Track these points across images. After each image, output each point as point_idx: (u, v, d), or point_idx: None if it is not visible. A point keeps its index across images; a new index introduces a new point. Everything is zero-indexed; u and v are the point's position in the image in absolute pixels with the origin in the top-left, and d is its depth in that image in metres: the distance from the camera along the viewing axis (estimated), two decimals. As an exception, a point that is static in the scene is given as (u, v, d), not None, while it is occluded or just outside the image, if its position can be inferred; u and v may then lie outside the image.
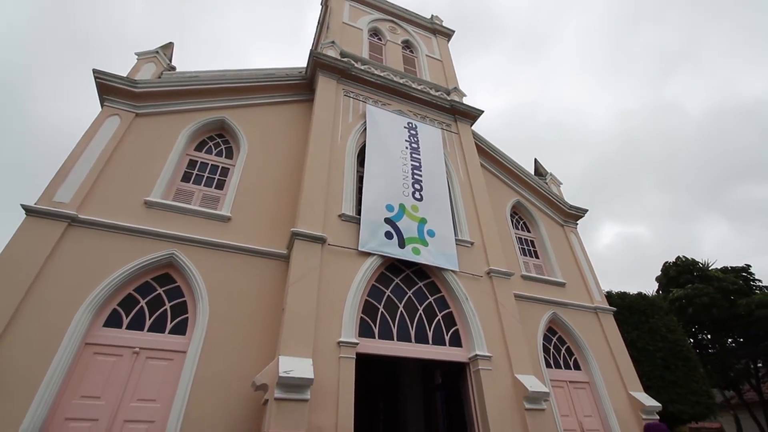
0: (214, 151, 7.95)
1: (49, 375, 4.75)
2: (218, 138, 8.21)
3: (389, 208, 7.42)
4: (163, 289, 5.99)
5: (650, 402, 8.29)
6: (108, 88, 7.28)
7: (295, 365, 4.97)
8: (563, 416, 7.65)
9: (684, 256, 19.07)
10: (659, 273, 19.68)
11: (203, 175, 7.47)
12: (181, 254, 6.14)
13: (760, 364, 18.98)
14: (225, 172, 7.70)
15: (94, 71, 7.21)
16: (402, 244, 7.01)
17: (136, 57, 8.16)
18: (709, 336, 19.24)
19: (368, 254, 6.68)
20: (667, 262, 19.43)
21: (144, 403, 5.15)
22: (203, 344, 5.57)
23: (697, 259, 18.68)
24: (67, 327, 5.08)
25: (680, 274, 18.22)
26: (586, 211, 11.60)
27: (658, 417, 8.19)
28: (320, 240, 6.36)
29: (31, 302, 5.07)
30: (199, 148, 7.84)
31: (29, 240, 5.40)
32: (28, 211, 5.59)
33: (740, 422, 19.92)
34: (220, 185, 7.47)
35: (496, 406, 6.14)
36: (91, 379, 5.07)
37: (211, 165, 7.70)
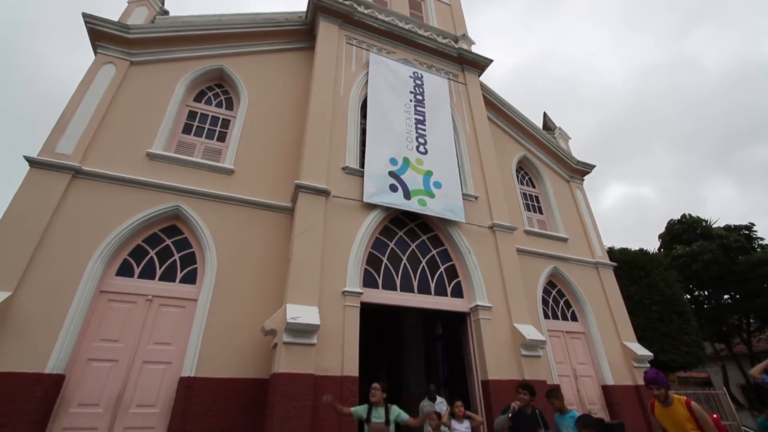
0: (214, 102, 7.75)
1: (68, 320, 4.99)
2: (217, 88, 7.96)
3: (393, 161, 7.32)
4: (171, 240, 6.11)
5: (642, 351, 8.65)
6: (99, 33, 6.96)
7: (301, 312, 5.17)
8: (558, 363, 8.04)
9: (689, 214, 19.05)
10: (663, 230, 19.76)
11: (204, 127, 7.34)
12: (186, 206, 6.19)
13: (752, 320, 19.57)
14: (226, 123, 7.55)
15: (84, 15, 6.87)
16: (407, 196, 7.00)
17: (127, 0, 7.72)
18: (705, 292, 19.68)
19: (372, 207, 6.70)
20: (672, 220, 19.48)
21: (160, 346, 5.44)
22: (213, 293, 5.78)
23: (702, 217, 18.67)
24: (81, 275, 5.25)
25: (684, 231, 18.30)
26: (593, 166, 11.41)
27: (649, 365, 8.59)
28: (324, 193, 6.36)
29: (44, 252, 5.20)
30: (198, 99, 7.64)
31: (36, 192, 5.43)
32: (32, 162, 5.58)
33: (727, 372, 20.91)
34: (222, 137, 7.36)
35: (494, 353, 6.43)
36: (109, 324, 5.32)
37: (212, 116, 7.53)
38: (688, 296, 18.48)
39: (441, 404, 6.17)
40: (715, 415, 4.13)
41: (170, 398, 5.15)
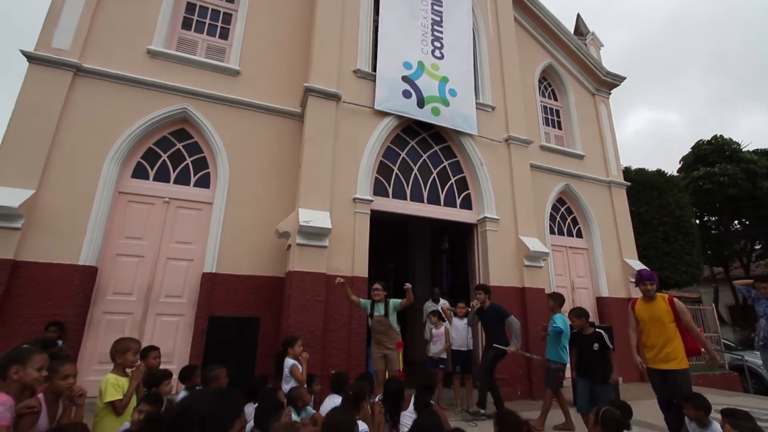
0: (213, -8, 7.05)
1: (92, 218, 5.22)
2: (215, -23, 7.18)
3: (407, 65, 6.84)
4: (182, 144, 6.09)
5: (641, 267, 8.95)
6: None
7: (313, 217, 5.33)
8: (558, 275, 8.41)
9: (721, 135, 18.13)
10: (687, 152, 19.06)
11: (205, 22, 6.80)
12: (193, 109, 6.04)
13: (758, 246, 19.76)
14: (228, 18, 6.97)
15: None
16: (421, 104, 6.69)
17: None
18: (715, 218, 19.63)
19: (384, 114, 6.46)
20: (701, 140, 18.63)
21: (182, 245, 5.78)
22: (227, 196, 5.93)
23: (734, 139, 17.81)
24: (98, 176, 5.36)
25: (712, 152, 17.59)
26: (623, 78, 10.57)
27: (645, 280, 8.94)
28: (334, 97, 6.09)
29: (58, 152, 5.24)
30: (195, -11, 6.95)
31: (40, 89, 5.29)
32: (30, 58, 5.34)
33: (718, 293, 21.85)
34: (224, 35, 6.85)
35: (498, 262, 6.71)
36: (131, 224, 5.60)
37: (212, 9, 6.92)
38: (697, 221, 18.49)
39: (443, 306, 6.65)
40: (699, 328, 4.37)
41: (195, 291, 5.62)
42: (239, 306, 5.57)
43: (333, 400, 3.71)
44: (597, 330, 4.56)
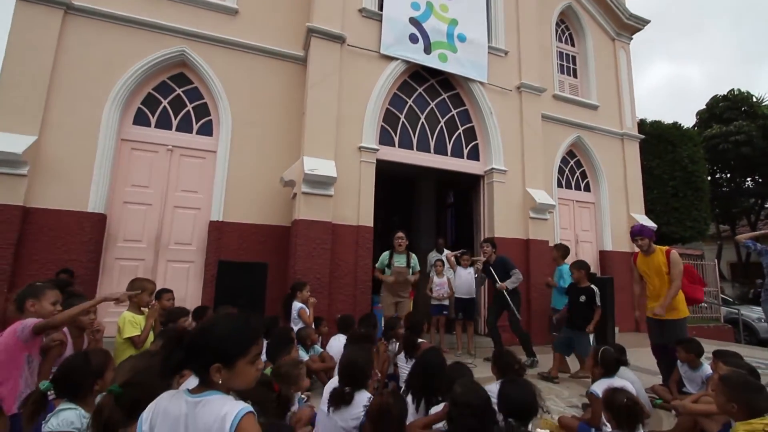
0: None
1: (97, 166, 5.19)
2: None
3: (415, 6, 6.40)
4: (182, 90, 5.90)
5: (647, 222, 8.89)
6: None
7: (318, 165, 5.26)
8: (563, 228, 8.41)
9: (738, 89, 17.23)
10: (703, 107, 18.25)
11: (198, -45, 6.30)
12: (191, 52, 5.78)
13: (768, 204, 19.53)
14: (222, -49, 6.45)
15: None
16: (428, 50, 6.34)
17: None
18: (727, 174, 19.22)
19: (391, 59, 6.15)
20: (716, 95, 17.73)
21: (187, 194, 5.79)
22: (231, 145, 5.84)
23: (752, 93, 16.91)
24: (99, 121, 5.26)
25: (728, 108, 16.79)
26: (647, 22, 9.87)
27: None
28: (339, 39, 5.77)
29: (56, 96, 5.09)
30: None
31: (30, 29, 5.04)
32: (16, -6, 5.04)
33: (722, 250, 21.95)
34: (220, -31, 6.38)
35: (503, 214, 6.69)
36: (136, 172, 5.57)
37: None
38: (709, 177, 18.14)
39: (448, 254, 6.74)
40: (697, 285, 4.38)
41: (203, 239, 5.71)
42: (247, 253, 5.68)
43: (339, 340, 3.89)
44: (591, 286, 4.71)
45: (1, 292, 4.43)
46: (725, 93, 17.49)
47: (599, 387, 2.58)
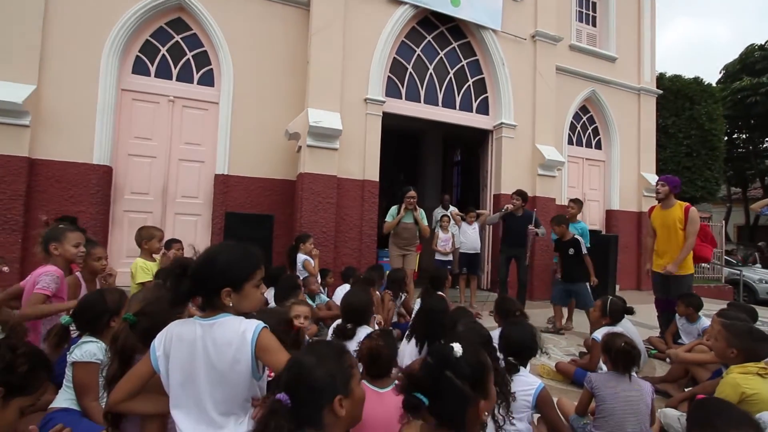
0: None
1: (99, 116, 5.10)
2: None
3: (426, -58, 5.92)
4: (180, 36, 5.66)
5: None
6: None
7: (323, 117, 5.14)
8: (570, 187, 8.30)
9: (777, 39, 16.21)
10: (734, 59, 17.27)
11: None
12: (188, -6, 5.48)
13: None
14: None
15: None
16: (439, -8, 5.96)
17: None
18: (745, 135, 18.58)
19: (399, 3, 5.80)
20: (752, 44, 16.68)
21: (192, 146, 5.74)
22: (233, 96, 5.68)
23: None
24: (97, 70, 5.11)
25: (763, 59, 15.85)
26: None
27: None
28: (343, -20, 5.42)
29: (51, 44, 4.91)
30: None
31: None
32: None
33: (731, 213, 21.74)
34: None
35: (511, 171, 6.59)
36: (139, 124, 5.49)
37: None
38: (725, 137, 17.57)
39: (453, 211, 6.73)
40: (707, 244, 4.34)
41: (210, 192, 5.73)
42: (253, 207, 5.71)
43: (344, 290, 3.99)
44: (575, 237, 4.79)
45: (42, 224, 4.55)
46: (762, 43, 16.45)
47: (601, 334, 2.66)
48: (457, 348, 1.03)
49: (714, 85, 16.93)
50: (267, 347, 1.17)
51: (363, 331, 2.22)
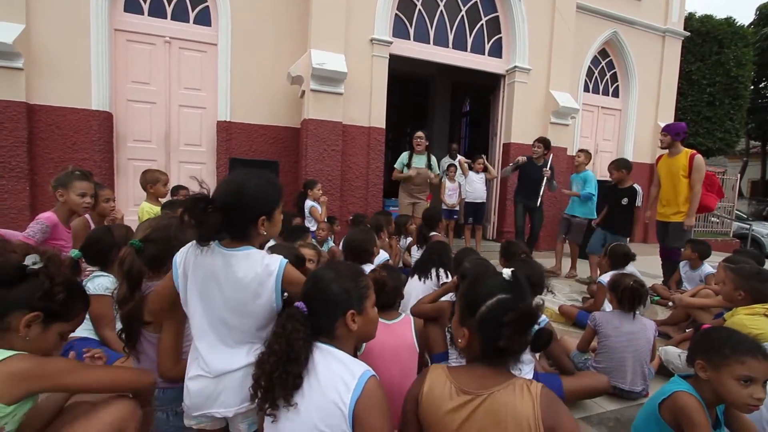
0: None
1: (93, 58, 4.89)
2: None
3: None
4: (171, -32, 5.27)
5: (675, 131, 8.40)
6: None
7: (327, 59, 4.88)
8: (583, 137, 8.03)
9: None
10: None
11: None
12: None
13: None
14: None
15: None
16: None
17: None
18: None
19: (408, -73, 5.28)
20: None
21: (191, 92, 5.54)
22: (232, 37, 5.39)
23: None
24: (88, 6, 4.82)
25: None
26: None
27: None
28: None
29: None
30: None
31: None
32: None
33: (746, 168, 21.18)
34: None
35: (522, 118, 6.34)
36: (135, 67, 5.26)
37: None
38: (752, 87, 16.62)
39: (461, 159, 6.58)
40: (713, 195, 4.21)
41: (212, 139, 5.62)
42: (257, 155, 5.62)
43: (352, 236, 4.01)
44: (633, 186, 4.43)
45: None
46: None
47: (607, 278, 2.66)
48: (506, 272, 1.05)
49: (746, 27, 15.78)
50: (293, 280, 1.19)
51: (365, 269, 2.23)
